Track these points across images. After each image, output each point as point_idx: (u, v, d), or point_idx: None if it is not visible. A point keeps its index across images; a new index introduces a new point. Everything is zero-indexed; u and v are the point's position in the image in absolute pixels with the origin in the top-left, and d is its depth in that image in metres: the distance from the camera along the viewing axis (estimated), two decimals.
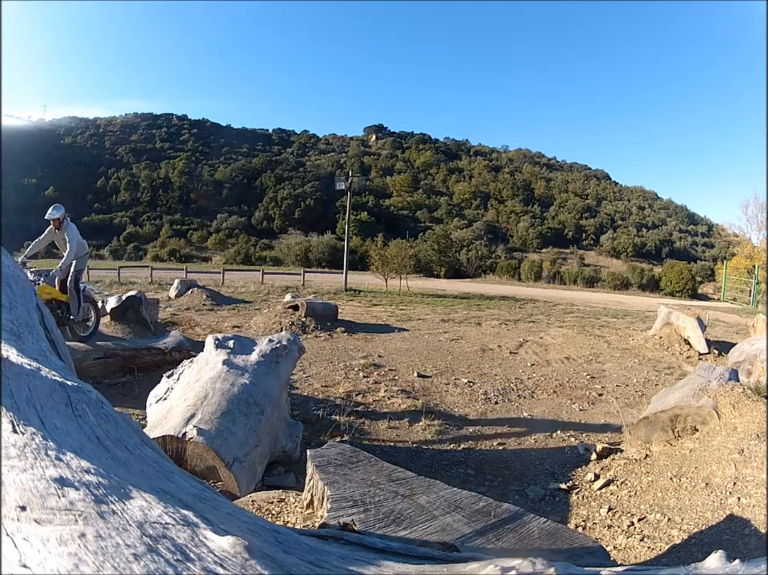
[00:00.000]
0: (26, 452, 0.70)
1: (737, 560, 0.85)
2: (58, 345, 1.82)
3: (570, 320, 10.50)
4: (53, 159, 52.82)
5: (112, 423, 0.99)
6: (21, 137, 50.62)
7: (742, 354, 5.66)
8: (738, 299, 21.57)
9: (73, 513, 0.59)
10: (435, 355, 6.54)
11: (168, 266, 26.96)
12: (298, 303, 8.77)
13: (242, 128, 69.95)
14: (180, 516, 0.65)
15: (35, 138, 54.34)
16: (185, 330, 7.72)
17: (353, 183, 18.88)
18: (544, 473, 3.32)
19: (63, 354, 1.81)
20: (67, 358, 1.91)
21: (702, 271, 36.18)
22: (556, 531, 1.35)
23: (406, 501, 1.36)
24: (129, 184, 51.01)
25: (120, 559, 0.54)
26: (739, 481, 2.49)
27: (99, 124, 65.29)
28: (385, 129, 70.69)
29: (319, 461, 1.51)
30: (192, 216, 48.38)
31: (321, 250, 36.92)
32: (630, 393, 5.21)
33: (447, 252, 35.21)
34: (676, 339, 7.44)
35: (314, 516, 1.41)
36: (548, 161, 68.32)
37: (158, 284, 15.90)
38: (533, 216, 50.65)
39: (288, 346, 3.55)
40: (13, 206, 40.79)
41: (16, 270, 1.91)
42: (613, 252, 45.73)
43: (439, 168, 59.53)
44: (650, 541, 2.31)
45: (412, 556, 0.96)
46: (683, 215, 58.65)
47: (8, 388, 0.87)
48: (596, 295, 21.81)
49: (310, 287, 16.92)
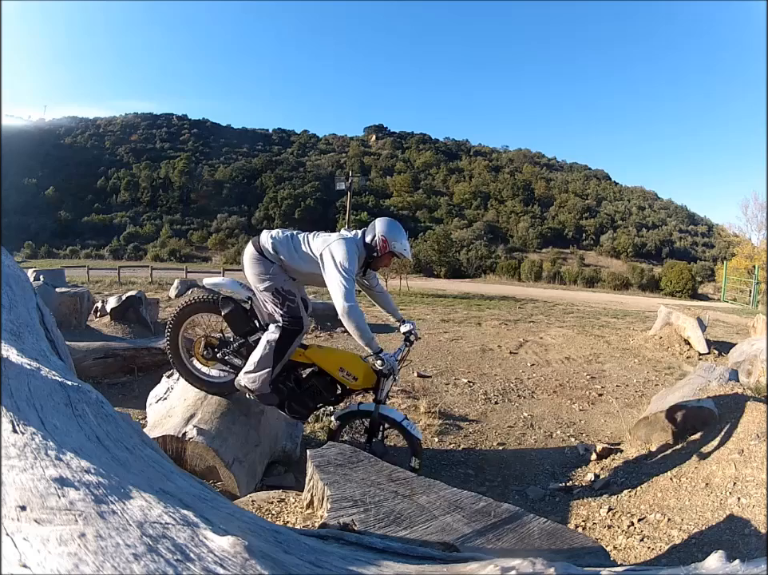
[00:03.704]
0: (26, 452, 0.70)
1: (737, 560, 0.85)
2: (58, 345, 1.82)
3: (570, 320, 10.50)
4: (53, 159, 52.82)
5: (112, 423, 0.99)
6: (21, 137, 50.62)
7: (742, 354, 5.65)
8: (738, 299, 21.56)
9: (73, 513, 0.59)
10: (435, 355, 6.53)
11: (168, 266, 26.93)
12: None
13: (242, 128, 70.00)
14: (180, 516, 0.65)
15: (35, 138, 54.34)
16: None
17: (353, 183, 18.88)
18: (544, 473, 3.32)
19: (63, 354, 1.81)
20: (67, 358, 1.91)
21: (702, 272, 36.19)
22: (556, 531, 1.35)
23: (406, 501, 1.36)
24: (129, 184, 51.00)
25: (120, 559, 0.54)
26: (739, 481, 2.49)
27: (99, 124, 65.30)
28: (386, 129, 70.69)
29: (319, 461, 1.51)
30: (192, 216, 48.39)
31: None
32: (630, 393, 5.21)
33: (447, 252, 35.22)
34: (676, 339, 7.43)
35: (314, 516, 1.41)
36: (548, 161, 68.32)
37: (158, 284, 15.89)
38: (533, 216, 50.65)
39: None
40: (13, 206, 40.80)
41: (16, 270, 1.91)
42: (613, 252, 45.73)
43: (439, 168, 59.52)
44: (650, 541, 2.31)
45: (412, 556, 0.96)
46: (683, 215, 58.67)
47: (8, 388, 0.87)
48: (596, 296, 21.80)
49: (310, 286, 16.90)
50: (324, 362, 2.75)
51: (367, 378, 2.73)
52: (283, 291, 2.59)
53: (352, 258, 2.51)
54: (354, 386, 2.75)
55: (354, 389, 2.79)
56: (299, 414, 2.79)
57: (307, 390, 2.76)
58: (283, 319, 2.59)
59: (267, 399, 2.66)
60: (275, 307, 2.60)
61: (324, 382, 2.75)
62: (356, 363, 2.75)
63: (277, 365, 2.60)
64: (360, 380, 2.72)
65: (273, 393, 2.66)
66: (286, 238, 2.66)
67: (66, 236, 42.87)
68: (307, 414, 2.84)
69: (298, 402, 2.75)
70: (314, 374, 2.78)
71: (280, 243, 2.63)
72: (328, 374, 2.74)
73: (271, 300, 2.60)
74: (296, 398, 2.74)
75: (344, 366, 2.72)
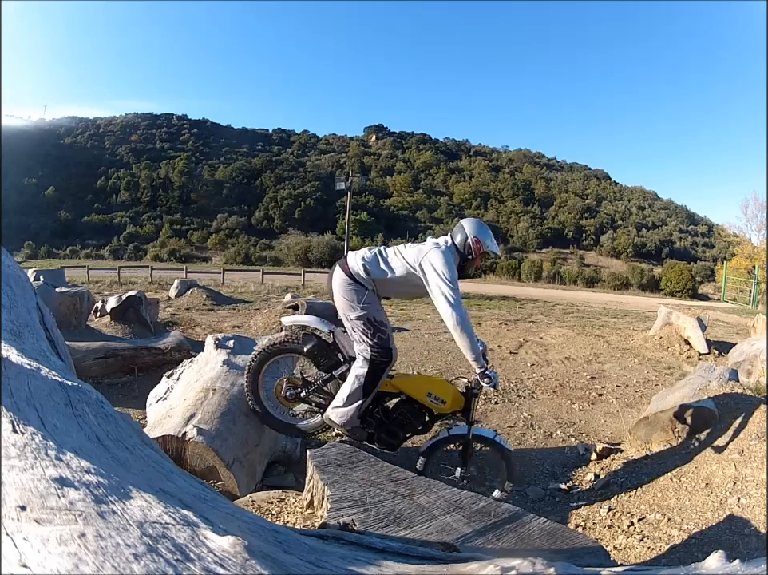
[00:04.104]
0: (26, 452, 0.70)
1: (737, 560, 0.85)
2: (58, 345, 1.81)
3: (570, 320, 10.50)
4: (53, 159, 52.81)
5: (112, 423, 0.99)
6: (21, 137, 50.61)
7: (742, 354, 5.65)
8: (738, 299, 21.56)
9: (73, 513, 0.59)
10: (435, 355, 6.53)
11: (168, 266, 26.93)
12: (298, 303, 8.76)
13: (242, 128, 69.96)
14: (179, 516, 0.65)
15: (35, 138, 54.32)
16: (185, 330, 7.72)
17: (353, 183, 18.89)
18: (544, 473, 3.32)
19: (63, 354, 1.81)
20: (67, 358, 1.91)
21: (702, 272, 36.17)
22: (556, 531, 1.35)
23: (406, 501, 1.36)
24: (129, 184, 50.99)
25: (120, 559, 0.54)
26: (739, 481, 2.49)
27: (99, 124, 65.28)
28: (386, 129, 70.66)
29: (319, 461, 1.51)
30: (192, 216, 48.36)
31: (321, 250, 36.90)
32: (630, 393, 5.21)
33: None
34: (676, 339, 7.43)
35: (314, 516, 1.41)
36: (548, 161, 68.31)
37: (158, 284, 15.89)
38: (533, 216, 50.63)
39: None
40: (13, 206, 40.79)
41: (16, 270, 1.91)
42: (613, 252, 45.72)
43: (439, 168, 59.49)
44: (650, 541, 2.31)
45: (412, 556, 0.96)
46: (683, 215, 58.67)
47: (8, 388, 0.87)
48: (596, 296, 21.80)
49: (311, 287, 16.92)
50: (412, 390, 2.68)
51: (456, 401, 2.68)
52: (375, 321, 2.53)
53: (452, 265, 2.48)
54: (442, 411, 2.69)
55: (443, 413, 2.72)
56: (389, 445, 2.70)
57: (396, 420, 2.68)
58: (372, 350, 2.52)
59: (356, 433, 2.62)
60: (365, 337, 2.53)
61: (412, 409, 2.68)
62: (443, 387, 2.70)
63: (366, 398, 2.55)
64: (449, 403, 2.66)
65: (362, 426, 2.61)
66: (375, 257, 2.58)
67: (66, 236, 42.85)
68: (397, 445, 2.73)
69: (387, 433, 2.67)
70: (401, 402, 2.71)
71: (371, 263, 2.56)
72: (416, 401, 2.67)
73: (362, 330, 2.53)
74: (385, 429, 2.67)
75: (432, 390, 2.65)
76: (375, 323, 2.52)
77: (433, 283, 2.45)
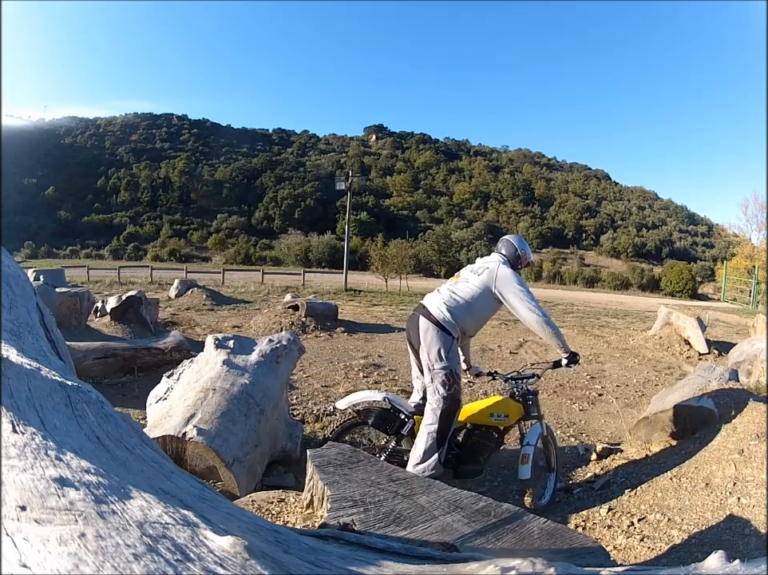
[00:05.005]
0: (26, 452, 0.70)
1: (737, 560, 0.85)
2: (58, 345, 1.81)
3: (570, 320, 10.50)
4: (53, 159, 52.83)
5: (112, 423, 0.99)
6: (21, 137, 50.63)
7: (742, 354, 5.65)
8: (738, 299, 21.57)
9: (73, 513, 0.59)
10: None
11: (168, 266, 26.95)
12: (298, 303, 8.76)
13: (242, 128, 70.03)
14: (180, 516, 0.65)
15: (35, 138, 54.34)
16: (185, 330, 7.73)
17: (353, 183, 18.89)
18: None
19: (63, 354, 1.81)
20: (67, 357, 1.91)
21: (702, 272, 36.20)
22: (556, 531, 1.35)
23: (406, 501, 1.36)
24: (129, 184, 51.01)
25: (120, 559, 0.54)
26: (739, 481, 2.49)
27: (99, 124, 65.34)
28: (386, 129, 70.70)
29: (319, 461, 1.51)
30: (192, 216, 48.39)
31: (321, 250, 36.94)
32: (630, 393, 5.21)
33: (447, 252, 35.26)
34: (676, 339, 7.44)
35: (314, 516, 1.41)
36: (548, 161, 68.35)
37: (158, 284, 15.90)
38: (533, 216, 50.68)
39: (288, 346, 3.55)
40: (13, 206, 40.83)
41: (16, 269, 1.91)
42: (613, 252, 45.77)
43: (439, 168, 59.54)
44: (650, 541, 2.31)
45: (412, 556, 0.96)
46: (683, 215, 58.72)
47: (8, 388, 0.87)
48: (596, 296, 21.81)
49: (310, 287, 16.93)
50: (475, 419, 2.80)
51: (516, 411, 2.82)
52: (455, 374, 2.62)
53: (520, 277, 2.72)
54: (508, 424, 2.83)
55: (509, 425, 2.86)
56: (474, 472, 2.80)
57: (471, 449, 2.79)
58: (444, 403, 2.58)
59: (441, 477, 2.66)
60: (442, 387, 2.59)
61: (482, 434, 2.80)
62: (501, 403, 2.83)
63: (442, 449, 2.61)
64: (511, 415, 2.81)
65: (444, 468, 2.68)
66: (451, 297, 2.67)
67: (66, 236, 42.87)
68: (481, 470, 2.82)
69: (468, 463, 2.77)
70: (469, 432, 2.82)
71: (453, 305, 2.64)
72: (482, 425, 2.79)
73: (441, 381, 2.59)
74: (465, 461, 2.77)
75: (493, 411, 2.78)
76: (455, 376, 2.61)
77: (511, 297, 2.65)
